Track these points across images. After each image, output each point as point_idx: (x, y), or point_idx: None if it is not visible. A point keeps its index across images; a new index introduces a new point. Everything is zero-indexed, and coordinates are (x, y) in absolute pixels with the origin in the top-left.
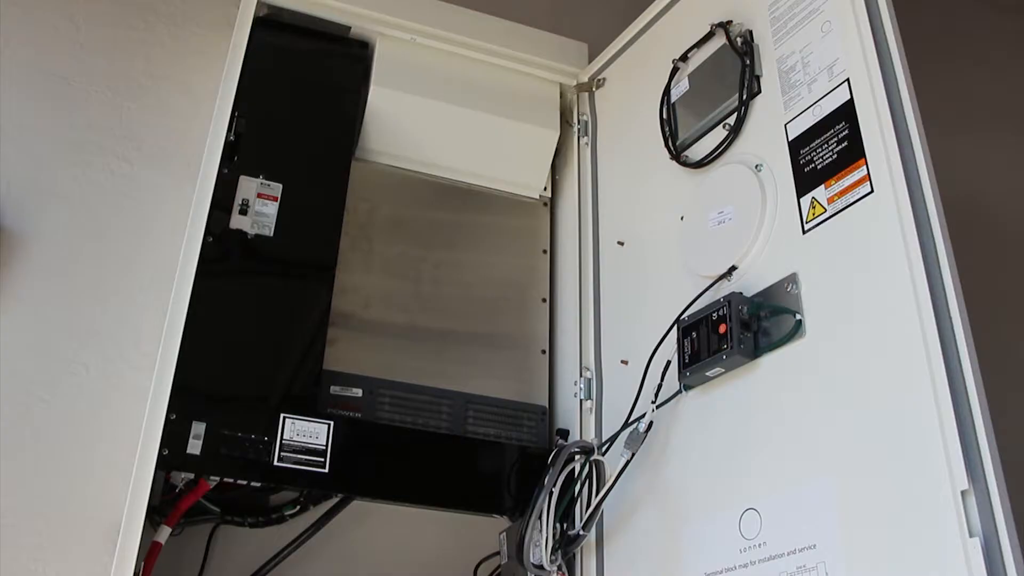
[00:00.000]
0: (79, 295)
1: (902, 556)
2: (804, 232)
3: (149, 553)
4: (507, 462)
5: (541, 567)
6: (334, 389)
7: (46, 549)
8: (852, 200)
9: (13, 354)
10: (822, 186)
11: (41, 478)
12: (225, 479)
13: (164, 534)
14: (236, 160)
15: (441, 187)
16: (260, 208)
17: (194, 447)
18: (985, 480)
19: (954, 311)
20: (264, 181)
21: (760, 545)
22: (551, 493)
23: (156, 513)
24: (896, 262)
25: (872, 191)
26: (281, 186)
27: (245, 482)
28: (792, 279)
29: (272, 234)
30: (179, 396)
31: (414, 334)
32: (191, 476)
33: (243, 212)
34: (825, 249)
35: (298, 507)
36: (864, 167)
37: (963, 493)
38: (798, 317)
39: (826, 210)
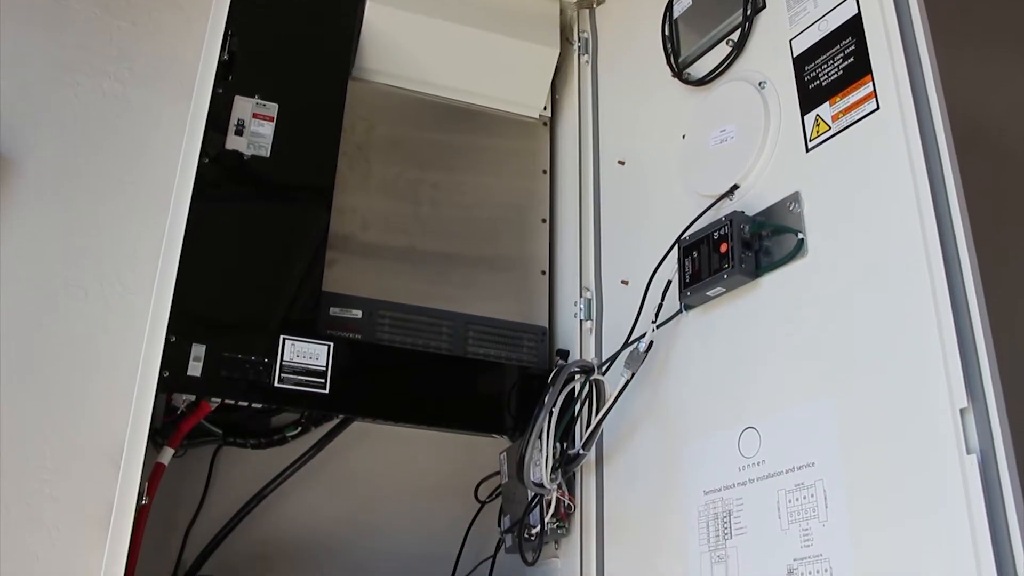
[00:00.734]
0: (74, 219)
1: (900, 473)
2: (807, 150)
3: (153, 474)
4: (507, 382)
5: (541, 485)
6: (333, 311)
7: (51, 471)
8: (857, 117)
9: (11, 279)
10: (827, 103)
11: (43, 401)
12: (226, 401)
13: (167, 455)
14: (230, 80)
15: (439, 107)
16: (256, 128)
17: (194, 369)
18: (984, 398)
19: (958, 231)
20: (259, 101)
21: (759, 463)
22: (551, 412)
23: (159, 435)
24: (900, 180)
25: (878, 108)
26: (277, 106)
27: (246, 404)
28: (795, 198)
29: (268, 155)
30: (178, 318)
31: (413, 256)
32: (192, 398)
33: (239, 133)
34: (829, 167)
35: (299, 428)
36: (870, 83)
37: (962, 411)
38: (800, 236)
39: (830, 128)
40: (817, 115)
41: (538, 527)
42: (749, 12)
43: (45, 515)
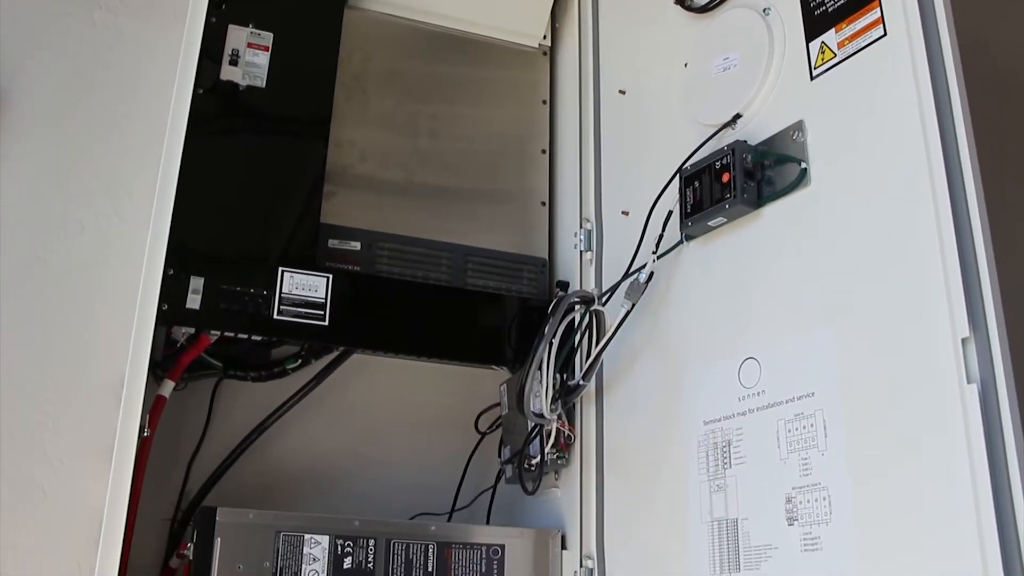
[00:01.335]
0: (69, 153)
1: (899, 402)
2: (812, 78)
3: (154, 406)
4: (507, 314)
5: (541, 416)
6: (332, 243)
7: (53, 403)
8: (863, 44)
9: (7, 215)
10: (832, 30)
11: (44, 335)
12: (225, 333)
13: (168, 388)
14: (223, 8)
15: (437, 37)
16: (251, 58)
17: (193, 302)
18: (986, 328)
19: (964, 160)
20: (254, 30)
21: (759, 393)
22: (551, 343)
23: (159, 368)
24: (906, 109)
25: (885, 34)
26: (272, 35)
27: (246, 336)
28: (798, 127)
29: (264, 85)
30: (176, 252)
31: (412, 188)
32: (192, 331)
33: (233, 63)
34: (833, 96)
35: (299, 361)
36: (877, 9)
37: (963, 341)
38: (803, 166)
39: (836, 55)
40: (822, 42)
41: (538, 458)
42: None
43: (48, 447)
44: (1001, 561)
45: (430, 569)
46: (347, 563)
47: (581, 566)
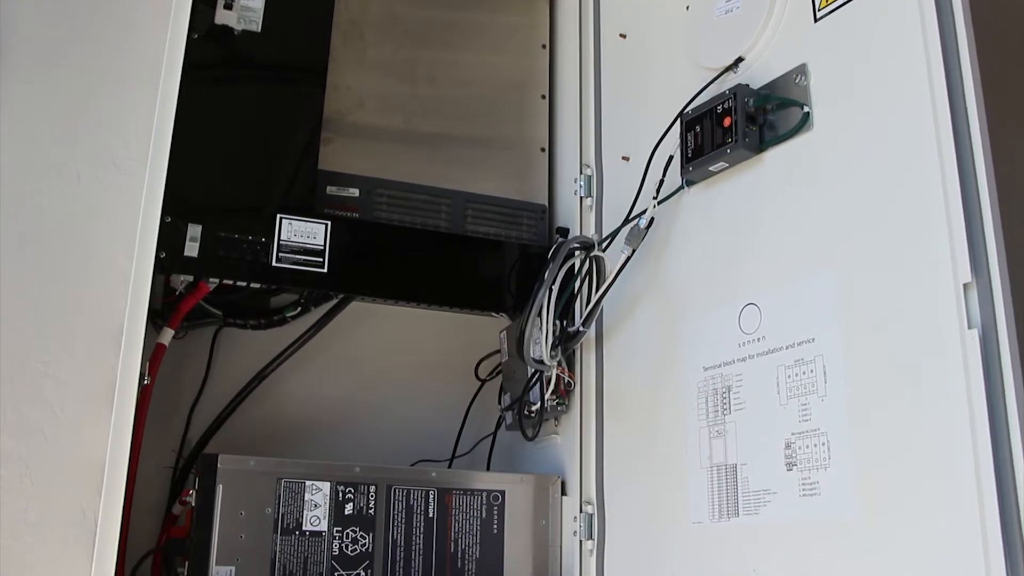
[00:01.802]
0: (63, 100)
1: (899, 348)
2: (816, 20)
3: (154, 355)
4: (507, 261)
5: (541, 362)
6: (330, 189)
7: (53, 352)
8: None
9: (2, 164)
10: None
11: (42, 284)
12: (224, 281)
13: (167, 336)
14: None
15: None
16: (245, 2)
17: (191, 249)
18: (988, 273)
19: (970, 104)
20: None
21: (759, 339)
22: (551, 289)
23: (158, 316)
24: (912, 51)
25: None
26: None
27: (244, 284)
28: (801, 70)
29: (259, 30)
30: (173, 199)
31: (411, 135)
32: (190, 278)
33: (228, 7)
34: (837, 38)
35: (299, 308)
36: None
37: (965, 286)
38: (806, 110)
39: None
40: None
41: (538, 404)
42: None
43: (48, 395)
44: (997, 504)
45: (431, 515)
46: (348, 509)
47: (581, 511)
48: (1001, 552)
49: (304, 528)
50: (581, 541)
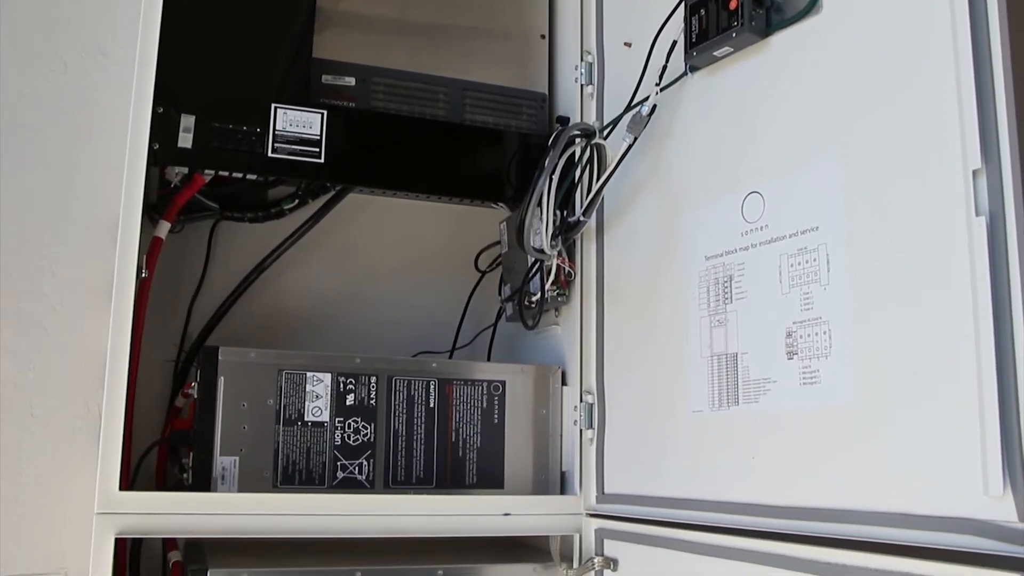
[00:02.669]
0: None
1: (904, 236)
2: None
3: (151, 248)
4: (506, 151)
5: (542, 251)
6: (326, 78)
7: (49, 246)
8: None
9: None
10: None
11: (36, 178)
12: (220, 173)
13: (164, 229)
14: None
15: None
16: None
17: (185, 140)
18: (999, 159)
19: None
20: None
21: (762, 228)
22: (551, 177)
23: (154, 210)
24: None
25: None
26: None
27: (240, 175)
28: None
29: None
30: (165, 89)
31: (407, 22)
32: (185, 171)
33: None
34: None
35: (296, 201)
36: None
37: (975, 172)
38: None
39: None
40: None
41: (538, 294)
42: None
43: (47, 289)
44: (997, 393)
45: (432, 405)
46: (349, 400)
47: (581, 401)
48: (998, 434)
49: (306, 419)
50: (581, 430)
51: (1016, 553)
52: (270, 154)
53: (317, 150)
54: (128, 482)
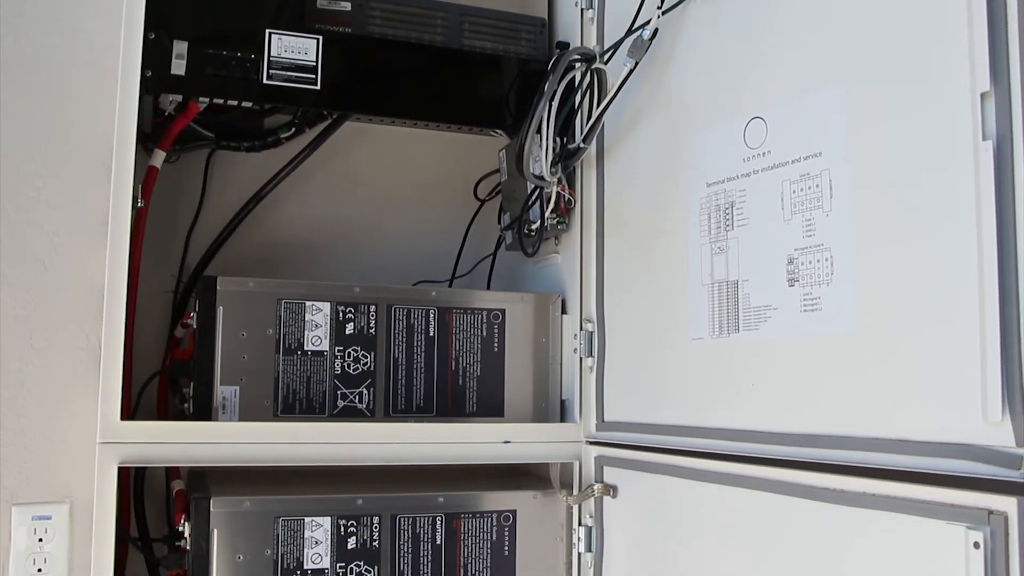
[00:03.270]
0: None
1: (908, 161)
2: None
3: (146, 178)
4: (505, 77)
5: (542, 178)
6: (321, 3)
7: (44, 177)
8: None
9: None
10: None
11: (27, 109)
12: (214, 100)
13: (159, 159)
14: None
15: None
16: None
17: (178, 67)
18: (1008, 81)
19: None
20: None
21: (764, 154)
22: (551, 103)
23: (149, 140)
24: None
25: None
26: None
27: (235, 103)
28: None
29: None
30: (156, 14)
31: None
32: (179, 98)
33: None
34: None
35: (293, 129)
36: None
37: (983, 95)
38: None
39: None
40: None
41: (538, 222)
42: None
43: (43, 221)
44: (999, 319)
45: (431, 333)
46: (349, 329)
47: (581, 329)
48: (998, 361)
49: (306, 348)
50: (581, 358)
51: (1013, 477)
52: (265, 81)
53: (313, 76)
54: (130, 413)
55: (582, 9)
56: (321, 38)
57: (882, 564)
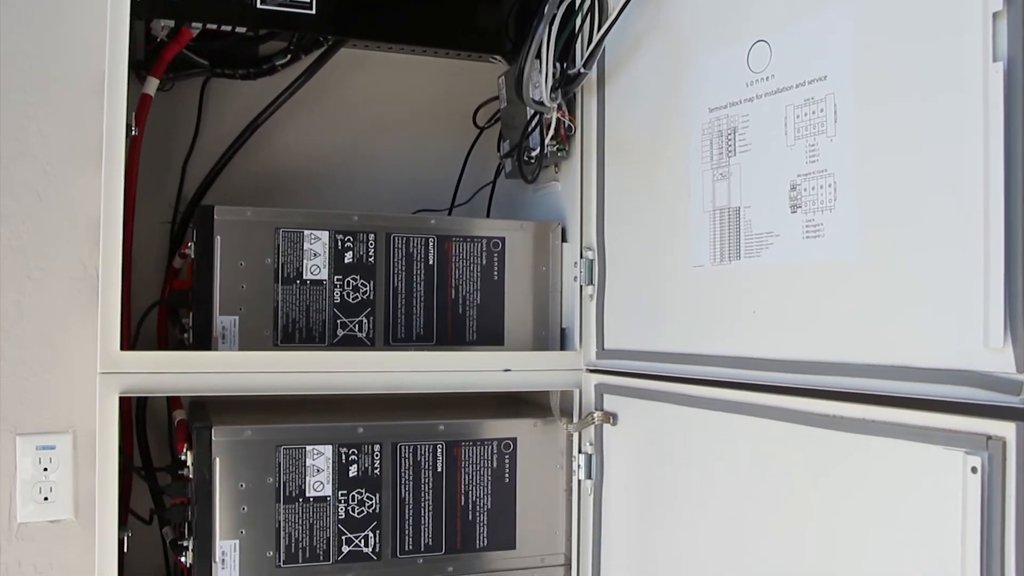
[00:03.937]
0: None
1: (916, 83)
2: None
3: (140, 106)
4: (504, 2)
5: (541, 103)
6: None
7: (35, 106)
8: None
9: None
10: None
11: (15, 33)
12: (207, 25)
13: (152, 86)
14: None
15: None
16: None
17: None
18: (1022, 2)
19: None
20: None
21: (768, 78)
22: (550, 26)
23: (142, 67)
24: None
25: None
26: None
27: (229, 28)
28: None
29: None
30: None
31: None
32: (171, 24)
33: None
34: None
35: (288, 56)
36: None
37: (995, 15)
38: None
39: None
40: None
41: (537, 149)
42: None
43: (36, 151)
44: (1004, 246)
45: (431, 262)
46: (348, 257)
47: (581, 257)
48: (1001, 286)
49: (304, 277)
50: (581, 286)
51: (1012, 403)
52: (259, 5)
53: (308, 1)
54: (130, 343)
55: None
56: None
57: (880, 489)
